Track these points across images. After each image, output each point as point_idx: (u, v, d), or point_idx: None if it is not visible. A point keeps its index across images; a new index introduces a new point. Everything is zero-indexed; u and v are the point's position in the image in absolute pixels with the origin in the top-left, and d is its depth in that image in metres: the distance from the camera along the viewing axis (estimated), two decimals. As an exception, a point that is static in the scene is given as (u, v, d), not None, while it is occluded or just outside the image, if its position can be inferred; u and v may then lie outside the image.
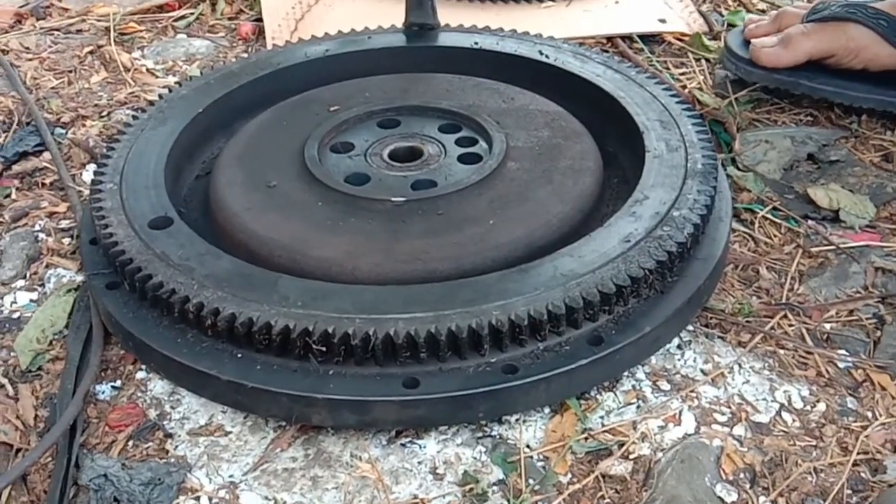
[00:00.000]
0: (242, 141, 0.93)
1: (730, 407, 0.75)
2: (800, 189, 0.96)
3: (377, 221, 0.81)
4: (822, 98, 1.04)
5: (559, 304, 0.71)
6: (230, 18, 1.36)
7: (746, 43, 1.07)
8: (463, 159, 0.88)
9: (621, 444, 0.72)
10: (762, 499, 0.68)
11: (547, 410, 0.74)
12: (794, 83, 1.04)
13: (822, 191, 0.94)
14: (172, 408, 0.76)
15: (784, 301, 0.84)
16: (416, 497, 0.69)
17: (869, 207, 0.93)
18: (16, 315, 0.87)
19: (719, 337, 0.81)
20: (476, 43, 1.05)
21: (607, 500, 0.69)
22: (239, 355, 0.72)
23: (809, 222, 0.92)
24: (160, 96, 0.99)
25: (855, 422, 0.73)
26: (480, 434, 0.73)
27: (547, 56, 1.01)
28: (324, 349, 0.69)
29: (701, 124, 0.90)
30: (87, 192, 0.95)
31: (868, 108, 1.04)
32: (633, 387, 0.76)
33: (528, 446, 0.72)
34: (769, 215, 0.93)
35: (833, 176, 0.98)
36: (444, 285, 0.73)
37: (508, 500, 0.68)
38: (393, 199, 0.82)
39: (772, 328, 0.81)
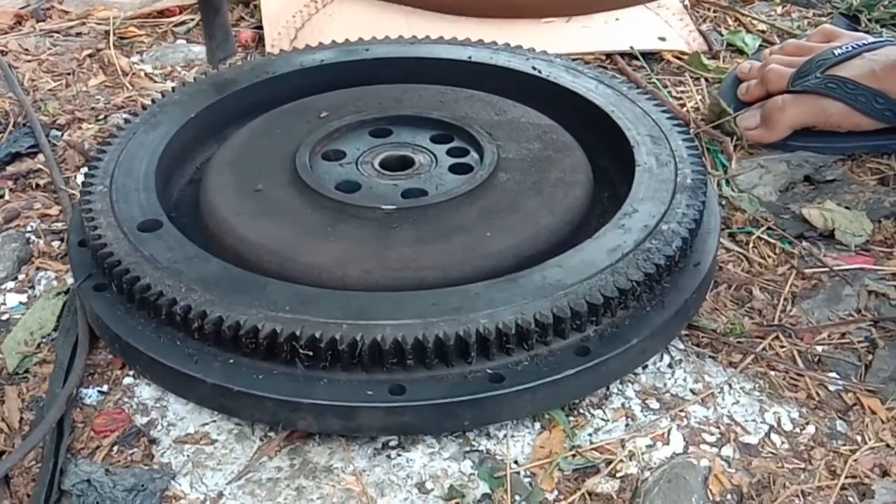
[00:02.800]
0: (234, 147, 0.93)
1: (719, 427, 0.74)
2: (795, 209, 0.96)
3: (367, 229, 0.80)
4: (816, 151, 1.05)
5: (547, 313, 0.70)
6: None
7: (738, 101, 1.10)
8: (454, 169, 0.88)
9: (609, 462, 0.71)
10: (749, 519, 0.68)
11: (536, 426, 0.74)
12: (784, 145, 1.05)
13: (816, 211, 0.94)
14: (159, 414, 0.76)
15: (776, 322, 0.84)
16: (400, 509, 0.68)
17: (865, 224, 0.93)
18: (4, 317, 0.86)
19: (710, 357, 0.80)
20: (470, 56, 1.05)
21: (592, 517, 0.68)
22: (226, 359, 0.71)
23: (804, 244, 0.92)
24: (153, 101, 0.99)
25: (844, 445, 0.73)
26: (468, 448, 0.72)
27: (539, 70, 1.01)
28: (310, 354, 0.69)
29: (691, 140, 0.90)
30: (79, 194, 0.95)
31: (861, 153, 1.05)
32: (623, 404, 0.76)
33: (515, 462, 0.71)
34: (764, 235, 0.93)
35: (829, 194, 0.97)
36: (433, 293, 0.72)
37: (493, 515, 0.68)
38: (383, 206, 0.82)
39: (763, 349, 0.81)
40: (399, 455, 0.72)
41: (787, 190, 0.99)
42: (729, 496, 0.69)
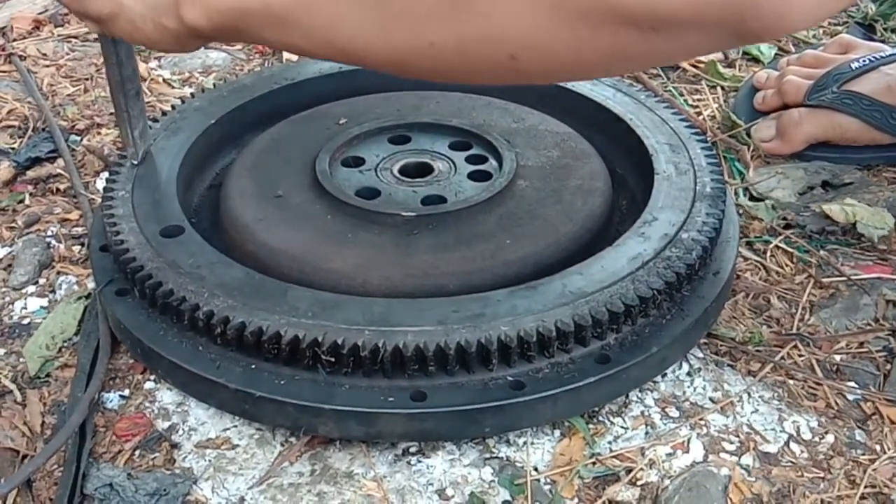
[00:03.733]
0: (254, 153, 0.93)
1: (738, 436, 0.74)
2: (816, 208, 0.95)
3: (387, 235, 0.81)
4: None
5: (568, 321, 0.71)
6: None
7: (755, 110, 1.10)
8: (473, 176, 0.88)
9: (629, 470, 0.71)
10: (769, 528, 0.68)
11: (556, 434, 0.74)
12: (800, 155, 1.06)
13: (837, 206, 0.94)
14: (180, 419, 0.76)
15: (794, 331, 0.84)
16: (420, 516, 0.69)
17: (887, 217, 0.93)
18: (26, 321, 0.87)
19: (729, 365, 0.80)
20: None
21: (613, 525, 0.68)
22: (247, 364, 0.72)
23: (822, 252, 0.92)
24: (173, 107, 0.99)
25: (863, 455, 0.73)
26: (488, 455, 0.73)
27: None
28: (333, 360, 0.69)
29: (709, 149, 0.90)
30: (99, 199, 0.95)
31: (876, 164, 1.05)
32: (642, 413, 0.76)
33: (535, 469, 0.72)
34: (782, 244, 0.93)
35: (848, 194, 0.98)
36: (454, 300, 0.73)
37: (513, 522, 0.68)
38: (403, 213, 0.82)
39: (782, 358, 0.81)
40: (420, 461, 0.72)
41: (806, 193, 0.99)
42: (749, 505, 0.69)
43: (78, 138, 1.12)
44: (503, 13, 0.55)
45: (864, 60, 1.06)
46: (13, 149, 1.10)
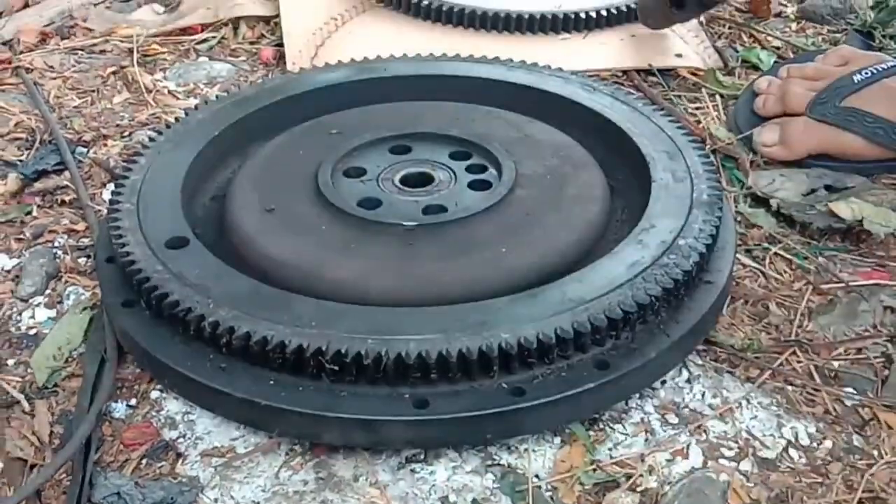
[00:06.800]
0: (257, 164, 0.94)
1: (737, 442, 0.75)
2: (821, 207, 0.96)
3: (389, 245, 0.82)
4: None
5: (567, 328, 0.71)
6: (252, 43, 1.37)
7: (755, 115, 1.11)
8: (473, 186, 0.89)
9: (629, 477, 0.72)
10: (767, 533, 0.68)
11: (557, 441, 0.75)
12: (800, 163, 1.06)
13: (843, 203, 0.95)
14: (187, 428, 0.77)
15: (793, 338, 0.84)
16: (423, 522, 0.69)
17: (893, 217, 0.93)
18: (33, 331, 0.88)
19: (728, 372, 0.81)
20: (487, 73, 1.06)
21: (613, 530, 0.69)
22: (253, 374, 0.73)
23: (820, 259, 0.93)
24: (177, 119, 1.00)
25: (861, 460, 0.73)
26: (490, 462, 0.73)
27: (556, 87, 1.02)
28: (336, 368, 0.70)
29: (706, 156, 0.91)
30: (105, 211, 0.96)
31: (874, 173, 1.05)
32: (642, 419, 0.77)
33: (536, 476, 0.72)
34: (780, 251, 0.94)
35: (853, 194, 0.98)
36: (455, 308, 0.74)
37: (515, 528, 0.69)
38: (404, 223, 0.83)
39: (780, 364, 0.81)
40: (423, 468, 0.73)
41: (810, 194, 1.00)
42: (748, 510, 0.70)
43: (84, 150, 1.13)
44: None
45: (866, 73, 1.06)
46: (21, 161, 1.11)
